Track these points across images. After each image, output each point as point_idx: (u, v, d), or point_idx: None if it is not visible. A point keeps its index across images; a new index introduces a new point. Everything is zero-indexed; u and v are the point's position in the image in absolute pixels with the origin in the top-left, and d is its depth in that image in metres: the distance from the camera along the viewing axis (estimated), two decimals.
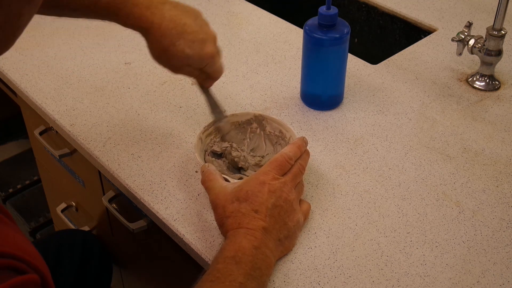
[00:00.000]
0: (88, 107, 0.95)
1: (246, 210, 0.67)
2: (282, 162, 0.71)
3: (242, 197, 0.68)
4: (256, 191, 0.68)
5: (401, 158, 0.85)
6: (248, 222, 0.67)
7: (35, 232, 1.73)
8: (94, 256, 1.12)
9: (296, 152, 0.73)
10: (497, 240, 0.73)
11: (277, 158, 0.72)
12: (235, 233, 0.66)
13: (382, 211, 0.77)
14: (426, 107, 0.94)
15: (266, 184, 0.69)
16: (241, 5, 1.21)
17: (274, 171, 0.70)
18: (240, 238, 0.66)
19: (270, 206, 0.68)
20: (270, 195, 0.68)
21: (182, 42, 0.73)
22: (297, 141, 0.75)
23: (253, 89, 0.98)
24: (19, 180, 1.87)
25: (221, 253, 0.65)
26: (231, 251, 0.64)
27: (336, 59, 0.90)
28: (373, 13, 1.25)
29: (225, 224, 0.68)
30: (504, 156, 0.85)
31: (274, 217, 0.68)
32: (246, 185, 0.69)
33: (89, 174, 1.04)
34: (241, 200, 0.68)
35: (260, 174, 0.70)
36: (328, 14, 0.86)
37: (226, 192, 0.70)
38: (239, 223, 0.67)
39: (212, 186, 0.72)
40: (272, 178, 0.70)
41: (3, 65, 1.05)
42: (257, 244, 0.65)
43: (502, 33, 0.95)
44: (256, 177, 0.70)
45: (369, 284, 0.68)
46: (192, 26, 0.74)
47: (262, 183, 0.69)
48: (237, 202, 0.68)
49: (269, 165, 0.71)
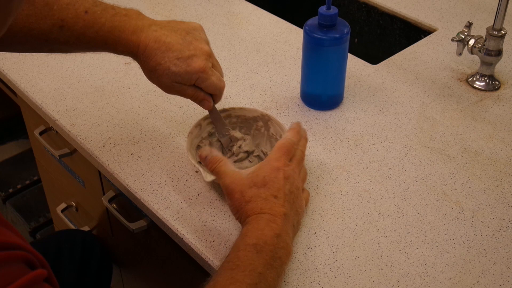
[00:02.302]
0: (88, 107, 0.95)
1: (266, 195, 0.68)
2: (289, 147, 0.72)
3: (260, 183, 0.68)
4: (273, 177, 0.69)
5: (401, 158, 0.85)
6: (270, 207, 0.67)
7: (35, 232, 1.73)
8: (94, 256, 1.12)
9: (297, 137, 0.75)
10: (497, 240, 0.73)
11: (283, 143, 0.72)
12: (257, 218, 0.66)
13: (382, 211, 0.77)
14: (426, 107, 0.94)
15: (281, 170, 0.69)
16: (241, 5, 1.21)
17: (284, 157, 0.71)
18: (262, 225, 0.66)
19: (287, 192, 0.69)
20: (285, 181, 0.69)
21: (167, 60, 0.74)
22: (295, 126, 0.76)
23: (253, 89, 0.98)
24: (19, 180, 1.87)
25: (243, 240, 0.65)
26: (253, 238, 0.64)
27: (336, 59, 0.90)
28: (373, 13, 1.25)
29: (245, 208, 0.68)
30: (504, 156, 0.85)
31: (290, 203, 0.69)
32: (261, 171, 0.70)
33: (89, 174, 1.04)
34: (259, 185, 0.68)
35: (272, 160, 0.70)
36: (328, 14, 0.86)
37: (241, 177, 0.69)
38: (261, 208, 0.67)
39: (224, 170, 0.70)
40: (284, 164, 0.70)
41: (3, 65, 1.05)
42: (279, 232, 0.66)
43: (502, 33, 0.95)
44: (270, 164, 0.70)
45: (369, 284, 0.68)
46: (177, 44, 0.74)
47: (277, 169, 0.69)
48: (255, 187, 0.68)
49: (278, 151, 0.71)
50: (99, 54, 1.07)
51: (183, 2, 1.22)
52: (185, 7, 1.21)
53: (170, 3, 1.22)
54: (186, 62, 0.74)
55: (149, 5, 1.21)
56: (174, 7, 1.20)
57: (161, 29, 0.75)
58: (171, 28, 0.76)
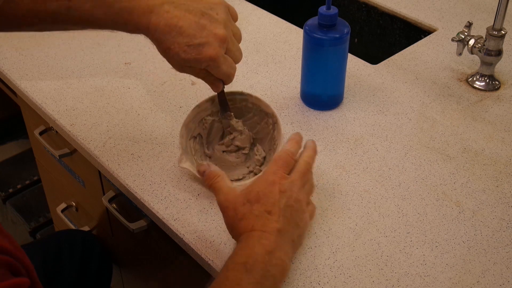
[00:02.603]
0: (88, 107, 0.95)
1: (258, 211, 0.65)
2: (287, 159, 0.70)
3: (253, 199, 0.66)
4: (267, 192, 0.66)
5: (401, 158, 0.85)
6: (262, 224, 0.65)
7: (35, 232, 1.73)
8: (94, 256, 1.12)
9: (296, 148, 0.72)
10: (497, 240, 0.73)
11: (280, 155, 0.70)
12: (248, 236, 0.64)
13: (382, 211, 0.77)
14: (426, 107, 0.94)
15: (276, 184, 0.67)
16: (241, 5, 1.21)
17: (281, 170, 0.68)
18: (253, 243, 0.64)
19: (282, 207, 0.66)
20: (281, 195, 0.66)
21: (176, 46, 0.70)
22: (295, 136, 0.73)
23: (253, 89, 0.98)
24: (19, 180, 1.87)
25: (232, 259, 0.63)
26: (243, 256, 0.63)
27: (336, 59, 0.90)
28: (373, 13, 1.25)
29: (238, 226, 0.66)
30: (504, 156, 0.85)
31: (287, 218, 0.66)
32: (256, 186, 0.67)
33: (89, 174, 1.04)
34: (252, 201, 0.66)
35: (268, 174, 0.68)
36: (328, 14, 0.86)
37: (235, 194, 0.67)
38: (252, 226, 0.65)
39: (220, 187, 0.69)
40: (281, 177, 0.68)
41: (3, 65, 1.05)
42: (271, 249, 0.63)
43: (502, 33, 0.95)
44: (265, 177, 0.68)
45: (369, 284, 0.68)
46: (189, 29, 0.70)
47: (272, 183, 0.67)
48: (249, 204, 0.66)
49: (275, 164, 0.69)
50: (99, 54, 1.07)
51: None
52: None
53: None
54: (197, 50, 0.70)
55: None
56: None
57: (174, 9, 0.71)
58: (186, 8, 0.71)
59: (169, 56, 0.73)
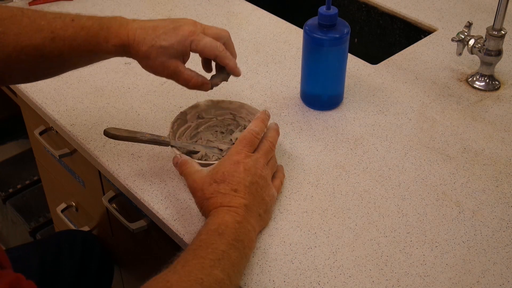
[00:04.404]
0: (88, 107, 0.95)
1: (225, 190, 0.70)
2: (251, 138, 0.74)
3: (219, 178, 0.71)
4: (232, 171, 0.71)
5: (401, 158, 0.85)
6: (229, 201, 0.69)
7: (35, 232, 1.73)
8: (94, 256, 1.12)
9: (261, 126, 0.76)
10: (497, 240, 0.73)
11: (245, 135, 0.74)
12: (217, 211, 0.69)
13: (382, 211, 0.77)
14: (426, 107, 0.94)
15: (240, 163, 0.71)
16: (241, 5, 1.21)
17: (245, 149, 0.73)
18: (223, 214, 0.68)
19: (247, 184, 0.71)
20: (246, 173, 0.71)
21: (155, 39, 0.75)
22: (260, 115, 0.77)
23: (253, 89, 0.98)
24: (19, 180, 1.86)
25: (205, 227, 0.68)
26: (214, 224, 0.67)
27: (336, 59, 0.90)
28: (373, 13, 1.25)
29: (207, 205, 0.70)
30: (504, 156, 0.85)
31: (252, 194, 0.71)
32: (221, 166, 0.72)
33: (89, 174, 1.04)
34: (218, 181, 0.71)
35: (233, 154, 0.73)
36: (328, 14, 0.86)
37: (202, 176, 0.72)
38: (220, 203, 0.70)
39: (188, 172, 0.74)
40: (245, 156, 0.72)
41: None
42: (240, 220, 0.68)
43: (502, 33, 0.95)
44: (230, 158, 0.72)
45: (369, 284, 0.68)
46: (161, 24, 0.76)
47: (236, 162, 0.72)
48: (215, 183, 0.71)
49: (239, 144, 0.73)
50: None
51: (183, 2, 1.22)
52: (185, 7, 1.21)
53: (170, 3, 1.22)
54: (174, 33, 0.76)
55: (149, 5, 1.21)
56: (174, 7, 1.20)
57: (143, 21, 0.78)
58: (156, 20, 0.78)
59: (153, 56, 0.76)
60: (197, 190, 0.72)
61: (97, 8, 1.20)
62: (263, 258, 0.71)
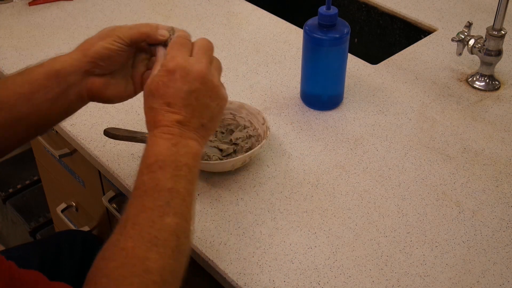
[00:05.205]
0: (88, 107, 0.95)
1: (158, 104, 0.64)
2: (182, 41, 0.67)
3: (154, 90, 0.64)
4: (167, 81, 0.63)
5: (401, 158, 0.85)
6: (161, 119, 0.63)
7: (35, 232, 1.73)
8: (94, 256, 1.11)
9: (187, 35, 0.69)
10: (497, 240, 0.73)
11: (174, 42, 0.67)
12: (152, 135, 0.64)
13: (382, 211, 0.77)
14: (426, 107, 0.94)
15: (176, 71, 0.64)
16: (241, 5, 1.21)
17: (180, 53, 0.65)
18: (157, 141, 0.63)
19: (183, 95, 0.64)
20: (182, 81, 0.63)
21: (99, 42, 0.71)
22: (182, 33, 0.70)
23: (253, 89, 0.98)
24: (19, 180, 1.86)
25: (143, 162, 0.63)
26: (152, 157, 0.62)
27: (336, 59, 0.90)
28: (373, 13, 1.25)
29: (146, 119, 0.65)
30: (504, 156, 0.85)
31: (191, 105, 0.64)
32: (157, 76, 0.65)
33: (89, 174, 1.04)
34: (154, 93, 0.64)
35: (168, 62, 0.65)
36: (328, 14, 0.86)
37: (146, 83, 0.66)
38: (154, 122, 0.64)
39: None
40: (183, 59, 0.65)
41: (3, 65, 1.05)
42: (175, 141, 0.63)
43: (502, 33, 0.95)
44: (165, 67, 0.64)
45: (369, 284, 0.68)
46: None
47: (172, 71, 0.64)
48: (151, 96, 0.64)
49: (171, 50, 0.66)
50: None
51: (183, 2, 1.22)
52: (185, 7, 1.21)
53: (170, 3, 1.22)
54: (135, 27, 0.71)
55: (149, 5, 1.21)
56: (174, 7, 1.20)
57: None
58: None
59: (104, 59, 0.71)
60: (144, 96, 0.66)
61: (97, 8, 1.20)
62: (263, 258, 0.71)
